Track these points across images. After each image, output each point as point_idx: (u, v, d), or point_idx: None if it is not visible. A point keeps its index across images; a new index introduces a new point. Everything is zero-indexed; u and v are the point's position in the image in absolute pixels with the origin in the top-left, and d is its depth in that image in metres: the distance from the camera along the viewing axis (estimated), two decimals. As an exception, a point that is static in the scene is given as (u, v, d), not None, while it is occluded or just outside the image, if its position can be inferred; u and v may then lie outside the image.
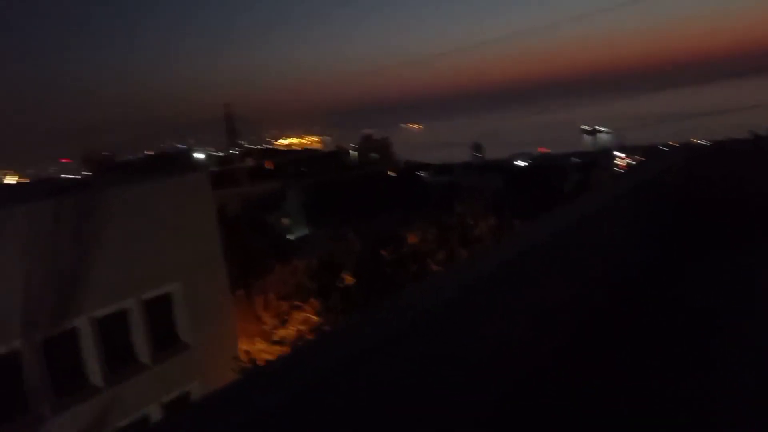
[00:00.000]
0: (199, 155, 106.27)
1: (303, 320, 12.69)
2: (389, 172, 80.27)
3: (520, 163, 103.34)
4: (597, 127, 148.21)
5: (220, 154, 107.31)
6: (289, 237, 45.74)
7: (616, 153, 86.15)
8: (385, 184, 66.23)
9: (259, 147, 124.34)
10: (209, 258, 12.40)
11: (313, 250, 29.26)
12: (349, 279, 13.47)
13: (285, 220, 47.58)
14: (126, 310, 10.98)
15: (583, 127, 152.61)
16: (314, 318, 12.58)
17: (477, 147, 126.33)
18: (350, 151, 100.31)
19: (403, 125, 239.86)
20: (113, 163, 79.24)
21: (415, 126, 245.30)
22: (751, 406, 2.98)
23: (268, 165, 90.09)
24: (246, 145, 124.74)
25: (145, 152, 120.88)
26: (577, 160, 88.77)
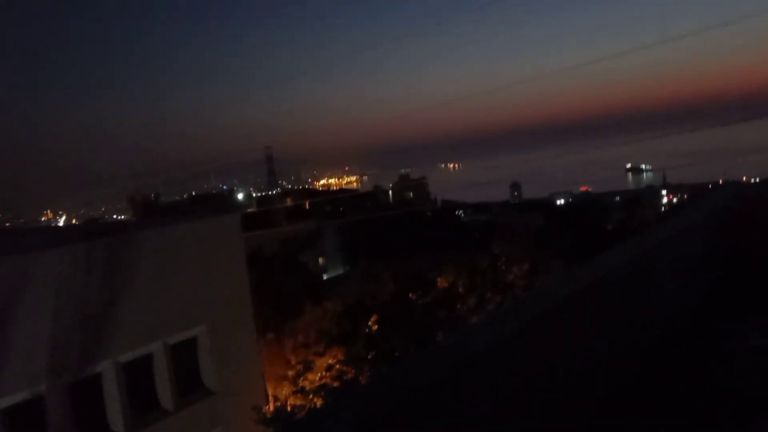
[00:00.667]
0: (240, 196, 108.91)
1: (327, 367, 12.30)
2: (426, 212, 80.00)
3: (561, 201, 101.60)
4: (641, 165, 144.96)
5: (260, 194, 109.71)
6: (325, 276, 45.67)
7: (662, 191, 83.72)
8: (420, 224, 65.88)
9: (298, 187, 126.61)
10: (237, 301, 12.25)
11: (346, 290, 29.01)
12: (374, 324, 13.07)
13: (321, 260, 47.63)
14: (151, 354, 10.85)
15: (627, 165, 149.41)
16: (337, 366, 12.19)
17: (515, 186, 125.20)
18: (387, 191, 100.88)
19: (440, 164, 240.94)
20: (156, 204, 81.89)
21: (453, 165, 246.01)
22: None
23: (307, 205, 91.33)
24: (286, 186, 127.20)
25: (191, 193, 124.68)
26: (619, 198, 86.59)
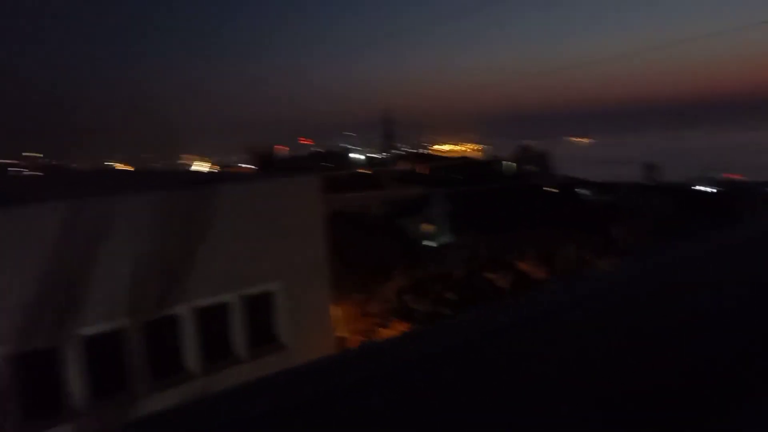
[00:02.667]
0: (356, 155, 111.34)
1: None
2: (545, 187, 76.22)
3: (702, 188, 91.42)
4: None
5: (377, 156, 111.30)
6: (430, 243, 45.37)
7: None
8: (537, 199, 62.94)
9: (415, 151, 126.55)
10: (314, 261, 12.18)
11: (443, 259, 28.46)
12: (424, 305, 12.42)
13: (427, 227, 47.29)
14: (227, 304, 11.14)
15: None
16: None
17: (650, 167, 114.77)
18: (506, 162, 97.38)
19: (567, 137, 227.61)
20: (273, 156, 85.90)
21: (581, 139, 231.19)
22: None
23: (421, 170, 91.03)
24: (403, 149, 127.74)
25: (311, 149, 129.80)
26: (774, 189, 75.71)
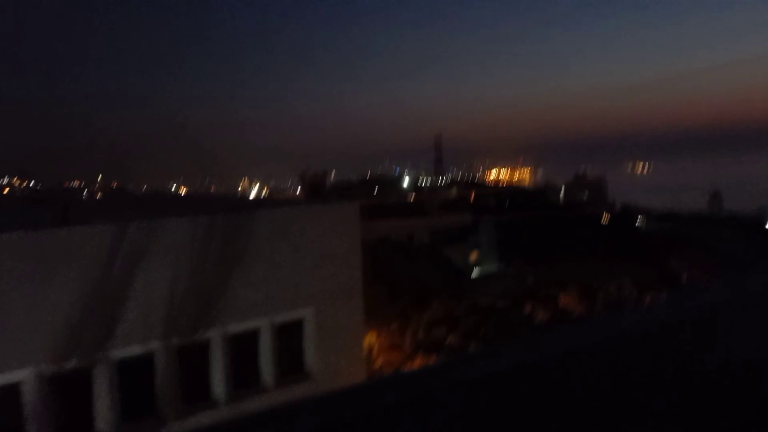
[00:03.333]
0: (407, 182, 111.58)
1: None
2: (600, 215, 73.66)
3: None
4: None
5: (427, 181, 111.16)
6: (476, 273, 44.47)
7: None
8: (590, 228, 60.82)
9: (466, 177, 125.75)
10: (348, 289, 12.05)
11: (489, 288, 27.74)
12: (452, 339, 11.93)
13: (474, 255, 46.47)
14: (258, 330, 11.13)
15: None
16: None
17: (715, 195, 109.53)
18: (559, 190, 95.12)
19: (625, 163, 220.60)
20: (324, 183, 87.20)
21: (640, 165, 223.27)
22: None
23: (471, 197, 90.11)
24: (455, 175, 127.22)
25: (364, 175, 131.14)
26: None
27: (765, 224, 71.17)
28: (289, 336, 11.46)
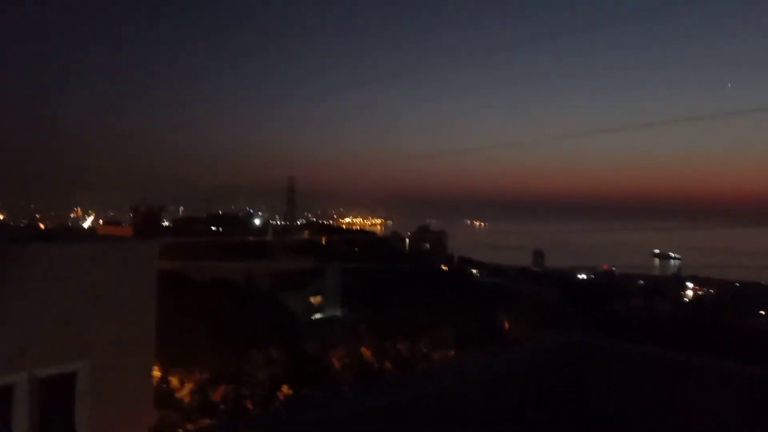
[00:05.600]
0: (257, 221, 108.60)
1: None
2: (440, 267, 77.76)
3: (582, 276, 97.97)
4: (669, 253, 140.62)
5: (278, 223, 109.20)
6: (317, 318, 43.78)
7: (685, 283, 79.77)
8: (430, 278, 63.69)
9: (319, 222, 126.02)
10: (137, 338, 10.58)
11: (324, 334, 27.12)
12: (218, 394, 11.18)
13: (315, 300, 45.82)
14: (11, 386, 9.17)
15: (655, 251, 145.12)
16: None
17: (538, 253, 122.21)
18: (404, 239, 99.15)
19: (467, 221, 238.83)
20: (158, 217, 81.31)
21: (479, 223, 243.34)
22: None
23: (320, 241, 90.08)
24: (309, 218, 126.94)
25: (214, 211, 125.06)
26: (642, 282, 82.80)
27: (574, 281, 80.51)
28: (56, 394, 9.63)
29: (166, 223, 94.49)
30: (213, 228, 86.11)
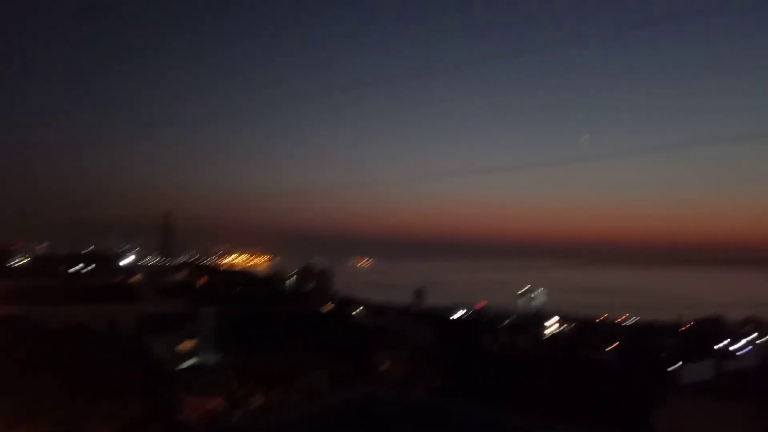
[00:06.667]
0: (129, 261, 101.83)
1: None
2: (321, 307, 77.90)
3: (459, 314, 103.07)
4: (533, 291, 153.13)
5: (153, 262, 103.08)
6: (189, 363, 42.02)
7: (547, 320, 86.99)
8: (310, 320, 63.64)
9: (195, 261, 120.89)
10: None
11: (187, 382, 26.38)
12: None
13: (187, 345, 43.96)
14: None
15: (521, 289, 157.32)
16: None
17: (419, 292, 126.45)
18: (288, 279, 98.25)
19: (353, 258, 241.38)
20: (10, 253, 73.88)
21: (366, 261, 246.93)
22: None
23: (197, 281, 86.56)
24: (184, 258, 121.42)
25: (78, 250, 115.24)
26: (511, 319, 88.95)
27: (448, 320, 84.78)
28: None
29: (22, 260, 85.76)
30: (76, 267, 79.59)
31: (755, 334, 76.18)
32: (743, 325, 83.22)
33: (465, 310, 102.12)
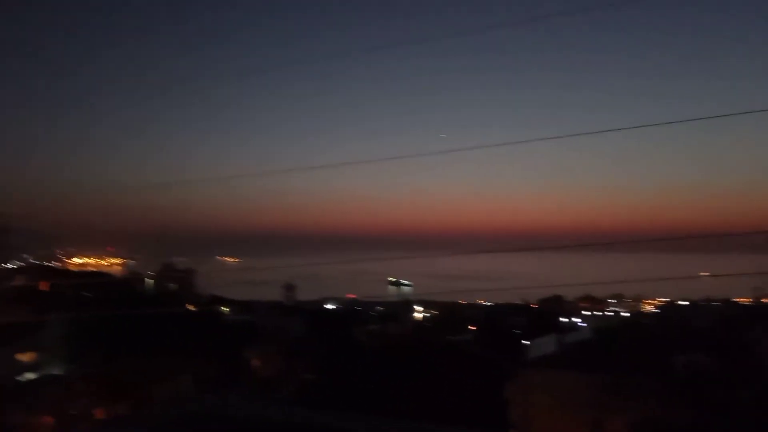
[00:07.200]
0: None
1: None
2: (185, 308, 74.02)
3: (330, 306, 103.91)
4: (401, 280, 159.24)
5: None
6: (32, 376, 37.82)
7: (415, 307, 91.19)
8: (172, 322, 60.29)
9: (39, 264, 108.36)
10: None
11: (28, 398, 23.86)
12: None
13: (27, 356, 39.50)
14: None
15: (389, 278, 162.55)
16: None
17: (289, 287, 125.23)
18: (147, 279, 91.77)
19: (218, 258, 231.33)
20: None
21: (231, 259, 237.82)
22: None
23: (46, 287, 77.53)
24: (24, 261, 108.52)
25: None
26: (381, 309, 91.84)
27: (320, 312, 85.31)
28: None
29: None
30: None
31: (590, 311, 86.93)
32: (580, 302, 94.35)
33: (337, 302, 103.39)
